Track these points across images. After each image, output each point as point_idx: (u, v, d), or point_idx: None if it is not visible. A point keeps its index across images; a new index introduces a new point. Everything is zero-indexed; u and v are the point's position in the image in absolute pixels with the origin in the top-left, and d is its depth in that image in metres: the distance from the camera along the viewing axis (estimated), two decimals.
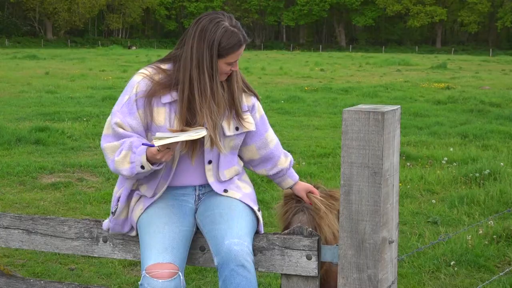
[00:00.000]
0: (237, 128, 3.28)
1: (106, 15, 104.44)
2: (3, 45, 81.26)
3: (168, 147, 2.97)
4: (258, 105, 3.43)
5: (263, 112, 3.46)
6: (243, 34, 3.17)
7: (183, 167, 3.23)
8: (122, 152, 3.06)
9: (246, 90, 3.37)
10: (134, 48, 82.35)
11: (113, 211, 3.24)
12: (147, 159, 3.00)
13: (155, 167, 3.04)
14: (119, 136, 3.12)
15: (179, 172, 3.24)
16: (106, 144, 3.13)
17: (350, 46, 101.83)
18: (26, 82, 25.41)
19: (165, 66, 3.25)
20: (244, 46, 3.19)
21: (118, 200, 3.24)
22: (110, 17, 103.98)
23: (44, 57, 48.31)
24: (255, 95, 3.42)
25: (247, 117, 3.33)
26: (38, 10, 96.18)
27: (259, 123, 3.42)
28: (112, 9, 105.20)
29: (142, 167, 3.01)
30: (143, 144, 3.04)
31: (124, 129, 3.12)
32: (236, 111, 3.28)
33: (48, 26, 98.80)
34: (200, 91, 3.14)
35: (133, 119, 3.14)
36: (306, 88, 23.99)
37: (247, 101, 3.36)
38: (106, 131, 3.17)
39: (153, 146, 2.97)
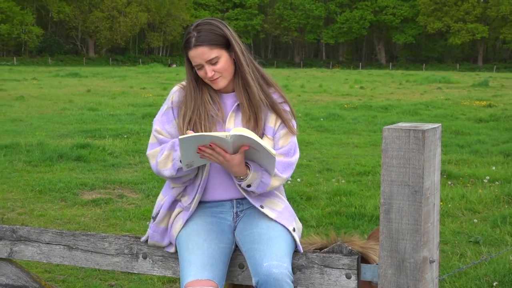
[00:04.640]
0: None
1: (147, 33, 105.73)
2: (46, 63, 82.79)
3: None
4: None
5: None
6: (196, 37, 3.13)
7: (220, 179, 3.23)
8: (164, 152, 3.13)
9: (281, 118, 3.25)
10: (174, 66, 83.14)
11: (153, 216, 3.27)
12: None
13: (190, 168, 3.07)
14: (160, 142, 3.20)
15: (217, 184, 3.24)
16: (149, 151, 3.22)
17: (390, 63, 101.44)
18: (68, 99, 25.79)
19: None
20: (197, 50, 3.12)
21: (161, 207, 3.27)
22: (151, 36, 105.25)
23: (86, 75, 48.97)
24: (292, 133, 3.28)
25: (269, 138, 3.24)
26: (80, 28, 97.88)
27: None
28: (153, 27, 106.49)
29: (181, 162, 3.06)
30: None
31: (163, 135, 3.21)
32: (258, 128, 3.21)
33: (90, 45, 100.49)
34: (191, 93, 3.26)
35: (172, 127, 3.23)
36: (345, 105, 23.91)
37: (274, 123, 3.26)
38: (150, 140, 3.26)
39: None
